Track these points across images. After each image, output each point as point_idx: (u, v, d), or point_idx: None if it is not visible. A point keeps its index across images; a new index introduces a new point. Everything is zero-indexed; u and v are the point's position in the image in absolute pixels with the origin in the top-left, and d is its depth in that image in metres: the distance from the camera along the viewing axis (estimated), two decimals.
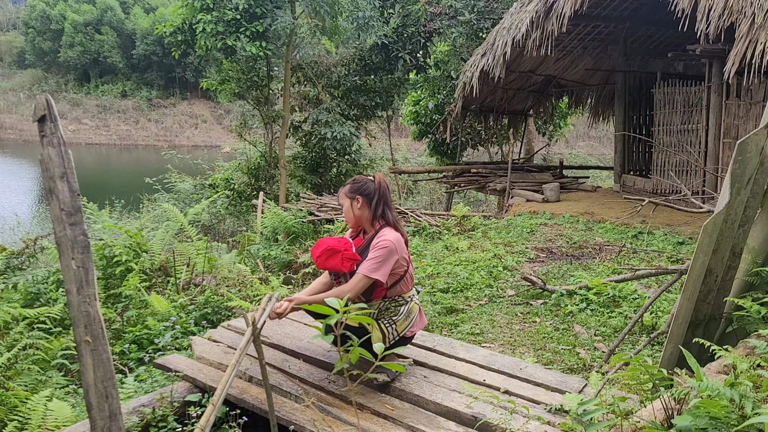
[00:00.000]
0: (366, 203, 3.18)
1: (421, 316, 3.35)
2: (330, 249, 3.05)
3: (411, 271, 3.24)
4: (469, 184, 12.20)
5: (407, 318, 3.20)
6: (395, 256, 3.08)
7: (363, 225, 3.25)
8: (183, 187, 14.77)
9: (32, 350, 4.06)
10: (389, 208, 3.21)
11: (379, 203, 3.18)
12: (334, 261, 3.03)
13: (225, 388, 2.84)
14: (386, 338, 3.14)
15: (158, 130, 42.62)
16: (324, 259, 3.05)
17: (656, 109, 10.16)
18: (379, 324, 3.15)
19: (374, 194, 3.19)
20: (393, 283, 3.15)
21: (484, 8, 12.50)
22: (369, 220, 3.20)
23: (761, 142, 2.74)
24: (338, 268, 3.05)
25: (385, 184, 3.25)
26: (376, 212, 3.18)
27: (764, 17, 6.55)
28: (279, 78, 14.16)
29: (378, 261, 3.03)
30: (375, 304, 3.14)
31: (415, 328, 3.29)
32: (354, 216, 3.22)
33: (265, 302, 3.35)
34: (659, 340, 3.90)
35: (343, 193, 3.25)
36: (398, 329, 3.17)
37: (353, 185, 3.23)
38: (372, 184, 3.22)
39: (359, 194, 3.19)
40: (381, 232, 3.15)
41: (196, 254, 6.04)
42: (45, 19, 43.31)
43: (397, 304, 3.17)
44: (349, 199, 3.21)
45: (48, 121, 2.05)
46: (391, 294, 3.16)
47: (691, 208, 5.80)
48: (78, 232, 2.06)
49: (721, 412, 1.81)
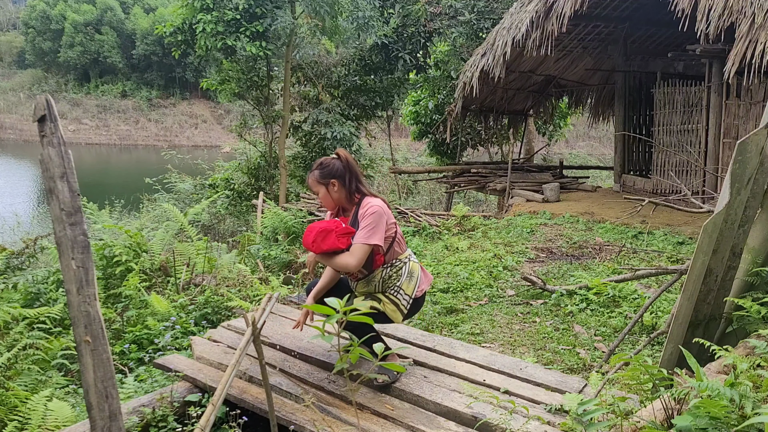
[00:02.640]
0: (341, 184, 3.16)
1: (424, 273, 3.35)
2: (322, 231, 3.02)
3: (400, 232, 3.24)
4: (469, 184, 12.20)
5: (411, 278, 3.20)
6: (385, 218, 3.09)
7: (342, 205, 3.23)
8: (183, 187, 14.75)
9: (32, 350, 4.06)
10: (360, 180, 3.20)
11: (351, 180, 3.16)
12: (330, 241, 3.00)
13: (225, 388, 2.84)
14: (400, 307, 3.15)
15: (158, 130, 42.59)
16: (319, 242, 3.01)
17: (656, 109, 10.16)
18: (388, 297, 3.15)
19: (345, 172, 3.16)
20: (387, 248, 3.15)
21: (484, 8, 12.50)
22: (347, 198, 3.18)
23: (761, 142, 2.74)
24: (336, 247, 3.01)
25: (351, 158, 3.22)
26: (350, 189, 3.16)
27: (764, 17, 6.55)
28: (279, 78, 14.15)
29: (371, 227, 3.03)
30: (377, 275, 3.15)
31: (424, 285, 3.29)
32: (332, 199, 3.20)
33: (265, 302, 3.35)
34: (659, 340, 3.90)
35: (315, 180, 3.18)
36: (407, 292, 3.18)
37: (322, 170, 3.17)
38: (338, 163, 3.18)
39: (332, 177, 3.15)
40: (363, 202, 3.14)
41: (196, 254, 6.04)
42: (45, 19, 43.28)
43: (397, 269, 3.18)
44: (323, 185, 3.17)
45: (48, 121, 2.05)
46: (388, 259, 3.16)
47: (691, 208, 5.80)
48: (78, 232, 2.06)
49: (721, 412, 1.81)
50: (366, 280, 3.18)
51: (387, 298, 3.16)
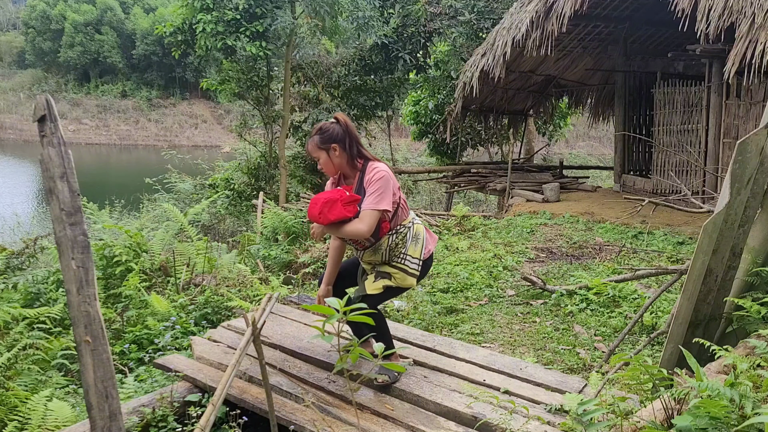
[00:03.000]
0: (342, 149, 3.08)
1: (429, 234, 3.32)
2: (327, 201, 2.97)
3: (404, 198, 3.21)
4: (469, 184, 12.20)
5: (417, 242, 3.17)
6: (391, 182, 3.05)
7: (344, 171, 3.16)
8: (183, 187, 14.75)
9: (32, 350, 4.06)
10: (360, 144, 3.14)
11: (351, 144, 3.09)
12: (336, 211, 2.96)
13: (225, 388, 2.84)
14: (410, 272, 3.13)
15: (158, 130, 42.60)
16: (326, 213, 2.96)
17: (656, 109, 10.15)
18: (396, 266, 3.13)
19: (345, 136, 3.09)
20: (392, 214, 3.11)
21: (484, 8, 12.50)
22: (348, 163, 3.11)
23: (761, 142, 2.74)
24: (343, 216, 2.97)
25: (349, 121, 3.16)
26: (352, 153, 3.10)
27: (764, 17, 6.55)
28: (279, 78, 14.15)
29: (379, 192, 2.99)
30: (384, 243, 3.11)
31: (430, 245, 3.27)
32: (334, 165, 3.12)
33: (265, 302, 3.36)
34: (659, 340, 3.90)
35: (315, 145, 3.10)
36: (415, 256, 3.15)
37: (322, 135, 3.09)
38: (338, 127, 3.10)
39: (332, 142, 3.07)
40: (368, 167, 3.09)
41: (196, 254, 6.04)
42: (45, 19, 43.30)
43: (402, 235, 3.14)
44: (324, 150, 3.09)
45: (48, 121, 2.05)
46: (393, 225, 3.12)
47: (691, 208, 5.80)
48: (78, 232, 2.06)
49: (721, 412, 1.81)
50: (373, 248, 3.13)
51: (395, 267, 3.12)
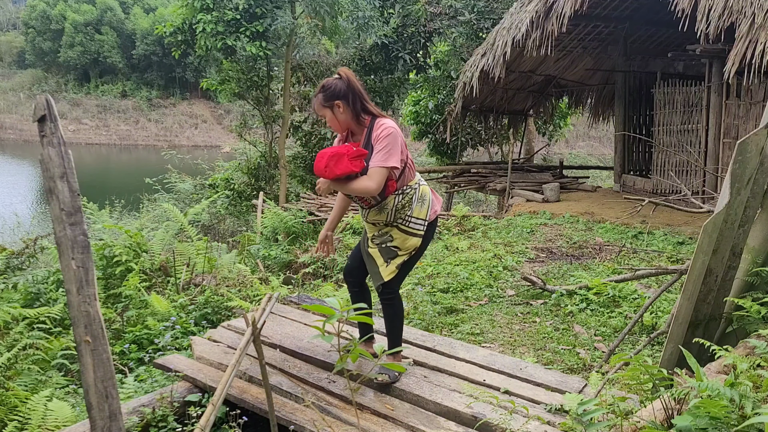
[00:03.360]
0: (346, 105, 3.04)
1: (435, 195, 3.29)
2: (334, 155, 2.95)
3: (411, 157, 3.19)
4: (469, 184, 12.20)
5: (423, 203, 3.15)
6: (400, 139, 3.03)
7: (351, 128, 3.13)
8: (183, 187, 14.76)
9: (32, 350, 4.06)
10: (365, 99, 3.10)
11: (356, 99, 3.05)
12: (343, 165, 2.93)
13: (225, 388, 2.84)
14: (416, 233, 3.12)
15: (158, 130, 42.60)
16: (332, 167, 2.92)
17: (656, 109, 10.15)
18: (400, 227, 3.11)
19: (348, 92, 3.04)
20: (399, 174, 3.08)
21: (484, 8, 12.50)
22: (354, 119, 3.08)
23: (761, 142, 2.74)
24: (350, 170, 2.94)
25: (353, 76, 3.10)
26: (356, 109, 3.06)
27: (764, 17, 6.55)
28: (279, 78, 14.16)
29: (388, 149, 2.96)
30: (390, 202, 3.08)
31: (437, 206, 3.24)
32: (339, 122, 3.09)
33: (265, 302, 3.36)
34: (659, 340, 3.90)
35: (319, 103, 3.08)
36: (421, 217, 3.13)
37: (325, 93, 3.05)
38: (341, 83, 3.06)
39: (336, 99, 3.03)
40: (376, 123, 3.06)
41: (196, 254, 6.04)
42: (45, 19, 43.29)
43: (409, 197, 3.11)
44: (329, 108, 3.06)
45: (48, 121, 2.05)
46: (400, 185, 3.09)
47: (691, 208, 5.80)
48: (78, 232, 2.06)
49: (721, 412, 1.81)
50: (378, 207, 3.10)
51: (399, 229, 3.11)
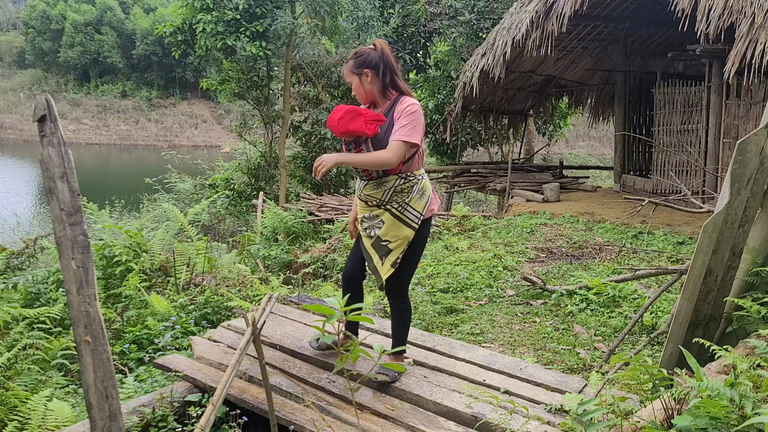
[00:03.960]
0: (374, 75, 3.01)
1: (435, 194, 3.26)
2: (352, 110, 2.91)
3: (423, 146, 3.15)
4: (469, 184, 12.19)
5: (422, 196, 3.11)
6: (422, 120, 3.00)
7: (375, 100, 3.09)
8: (183, 187, 14.76)
9: (32, 350, 4.06)
10: (396, 74, 3.07)
11: (386, 72, 3.02)
12: (357, 123, 2.90)
13: (225, 388, 2.84)
14: (408, 224, 3.07)
15: (158, 130, 42.59)
16: (347, 121, 2.89)
17: (656, 109, 10.15)
18: (392, 211, 3.06)
19: (380, 63, 3.01)
20: (408, 158, 3.04)
21: (484, 8, 12.50)
22: (380, 91, 3.05)
23: (761, 142, 2.74)
24: (362, 131, 2.91)
25: (388, 50, 3.06)
26: (384, 81, 3.03)
27: (764, 17, 6.55)
28: (279, 78, 14.16)
29: (412, 125, 2.94)
30: (391, 182, 3.03)
31: (433, 205, 3.20)
32: (365, 91, 3.05)
33: (265, 302, 3.36)
34: (659, 340, 3.90)
35: (349, 69, 3.05)
36: (417, 209, 3.08)
37: (356, 59, 3.03)
38: (375, 53, 3.03)
39: (365, 67, 3.00)
40: (402, 99, 3.02)
41: (196, 254, 6.04)
42: (45, 19, 43.29)
43: (411, 184, 3.07)
44: (357, 75, 3.03)
45: (48, 121, 2.05)
46: (405, 169, 3.05)
47: (691, 208, 5.80)
48: (78, 232, 2.06)
49: (721, 412, 1.81)
50: (378, 182, 3.04)
51: (392, 213, 3.05)
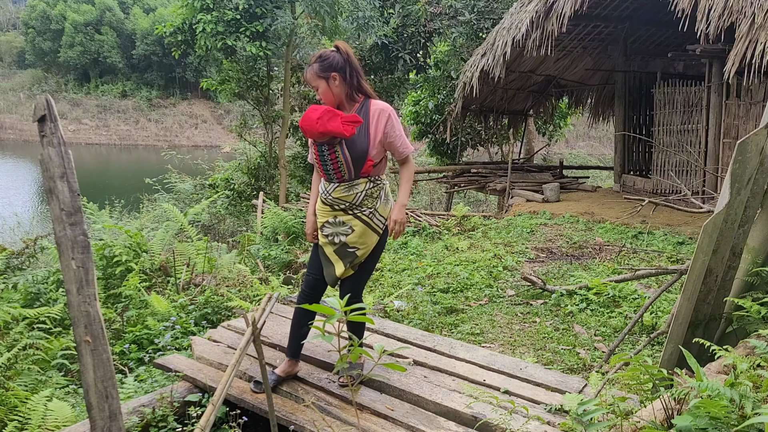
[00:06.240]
0: (341, 78, 2.96)
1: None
2: (329, 111, 2.89)
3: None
4: (469, 184, 12.19)
5: (387, 202, 3.11)
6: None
7: (342, 102, 3.02)
8: (183, 187, 14.75)
9: (32, 350, 4.06)
10: (361, 76, 3.02)
11: (353, 74, 2.98)
12: (335, 123, 2.85)
13: (225, 388, 2.84)
14: (375, 230, 3.06)
15: (158, 130, 42.61)
16: (325, 120, 2.85)
17: (656, 109, 10.16)
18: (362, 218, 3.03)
19: (346, 66, 2.96)
20: (378, 162, 3.03)
21: (484, 8, 12.50)
22: (347, 95, 3.00)
23: (761, 142, 2.74)
24: (340, 131, 2.86)
25: (351, 51, 3.02)
26: (352, 84, 2.98)
27: (764, 17, 6.55)
28: (279, 78, 14.16)
29: (403, 132, 3.03)
30: (362, 185, 3.01)
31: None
32: (333, 95, 2.98)
33: (265, 302, 3.36)
34: (659, 340, 3.90)
35: (313, 74, 2.96)
36: (383, 214, 3.09)
37: (322, 63, 2.95)
38: (339, 56, 2.97)
39: (332, 71, 2.94)
40: (370, 104, 3.01)
41: (196, 254, 6.04)
42: (45, 19, 43.31)
43: (378, 187, 3.06)
44: (324, 78, 2.95)
45: (48, 121, 2.05)
46: (375, 173, 3.04)
47: (691, 208, 5.79)
48: (78, 232, 2.06)
49: (721, 412, 1.81)
50: (349, 184, 3.00)
51: (359, 219, 3.03)
